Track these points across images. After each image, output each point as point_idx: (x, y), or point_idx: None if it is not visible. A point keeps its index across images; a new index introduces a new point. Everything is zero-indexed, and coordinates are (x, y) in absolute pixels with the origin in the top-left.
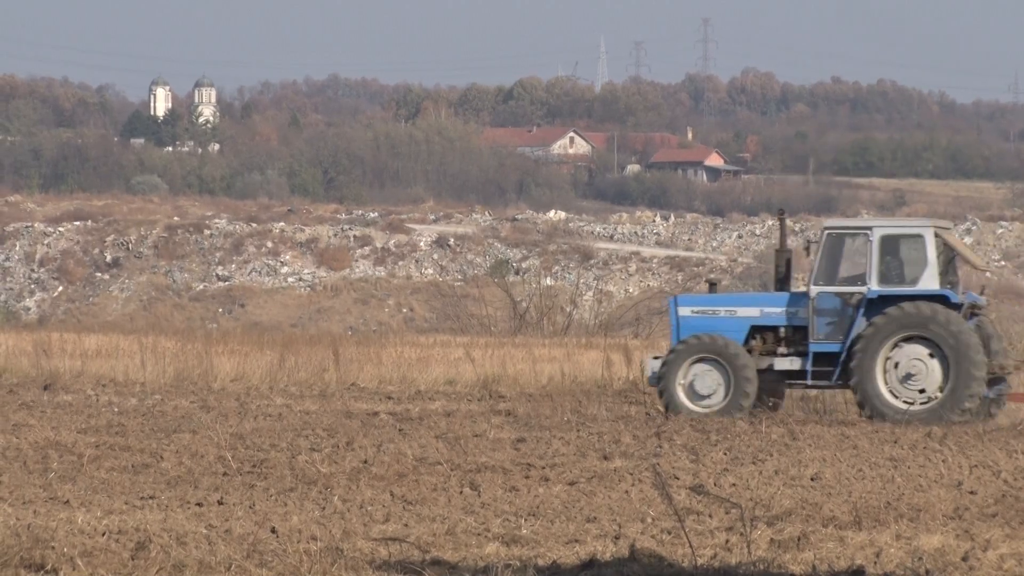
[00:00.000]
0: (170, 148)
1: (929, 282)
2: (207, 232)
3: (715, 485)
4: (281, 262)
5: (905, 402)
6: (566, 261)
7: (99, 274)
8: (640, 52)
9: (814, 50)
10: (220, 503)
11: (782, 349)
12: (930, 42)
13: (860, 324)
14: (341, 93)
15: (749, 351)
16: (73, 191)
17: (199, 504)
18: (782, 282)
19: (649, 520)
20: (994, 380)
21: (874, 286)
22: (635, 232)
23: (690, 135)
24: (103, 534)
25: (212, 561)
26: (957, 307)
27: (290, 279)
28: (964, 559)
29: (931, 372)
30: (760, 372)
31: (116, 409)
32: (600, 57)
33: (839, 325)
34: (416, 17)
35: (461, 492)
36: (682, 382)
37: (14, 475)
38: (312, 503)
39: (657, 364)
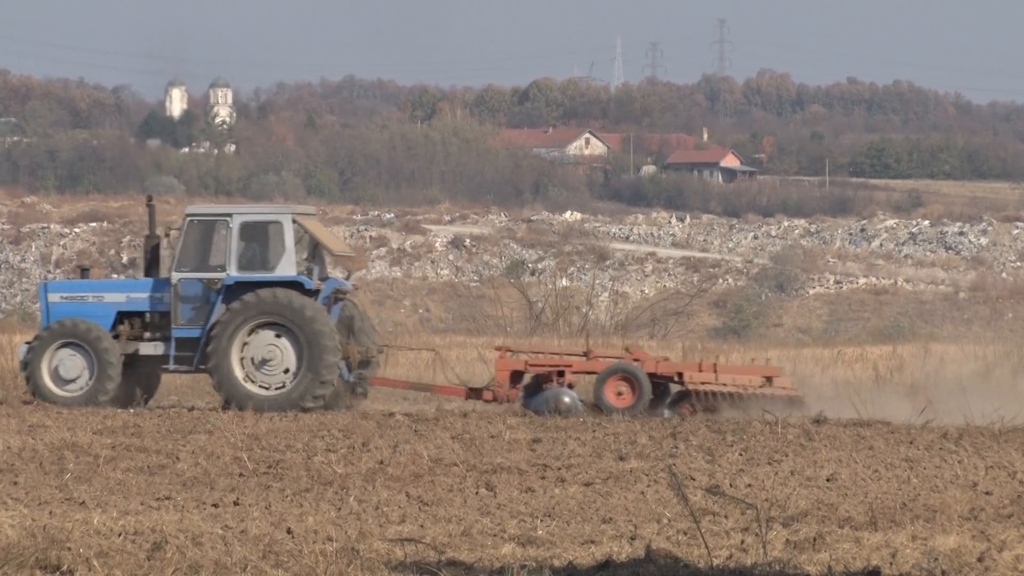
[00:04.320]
0: (186, 149)
1: (286, 268)
2: None
3: (731, 486)
4: None
5: (261, 387)
6: (582, 262)
7: (115, 275)
8: (656, 53)
9: (830, 51)
10: (236, 504)
11: (148, 334)
12: (946, 43)
13: (219, 310)
14: (356, 94)
15: (116, 337)
16: (89, 192)
17: (215, 505)
18: (149, 268)
19: (665, 521)
20: (359, 364)
21: (233, 272)
22: (651, 233)
23: (706, 136)
24: (119, 535)
25: (228, 562)
26: (313, 293)
27: None
28: (980, 560)
29: (286, 358)
30: (131, 358)
31: (132, 410)
32: (616, 58)
33: (201, 311)
34: (431, 18)
35: (477, 493)
36: (47, 367)
37: (30, 476)
38: (328, 504)
39: (26, 349)
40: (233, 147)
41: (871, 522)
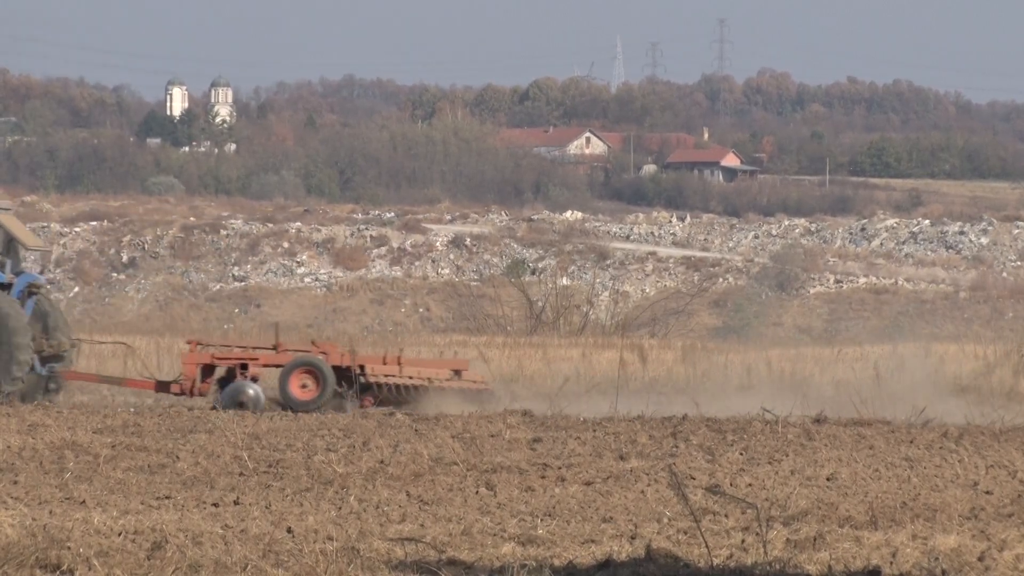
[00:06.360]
0: (186, 148)
1: None
2: (223, 232)
3: (731, 485)
4: (297, 262)
5: None
6: (582, 261)
7: (115, 274)
8: (656, 52)
9: (830, 50)
10: (236, 503)
11: None
12: (946, 43)
13: None
14: (357, 93)
15: None
16: (89, 191)
17: (215, 504)
18: None
19: (665, 520)
20: (50, 358)
21: None
22: (651, 232)
23: (706, 135)
24: (119, 534)
25: (228, 561)
26: (6, 287)
27: (306, 279)
28: (980, 559)
29: None
30: None
31: (132, 409)
32: (616, 57)
33: None
34: (432, 18)
35: (477, 492)
36: None
37: (30, 475)
38: (328, 503)
39: None
40: (233, 146)
41: (871, 521)
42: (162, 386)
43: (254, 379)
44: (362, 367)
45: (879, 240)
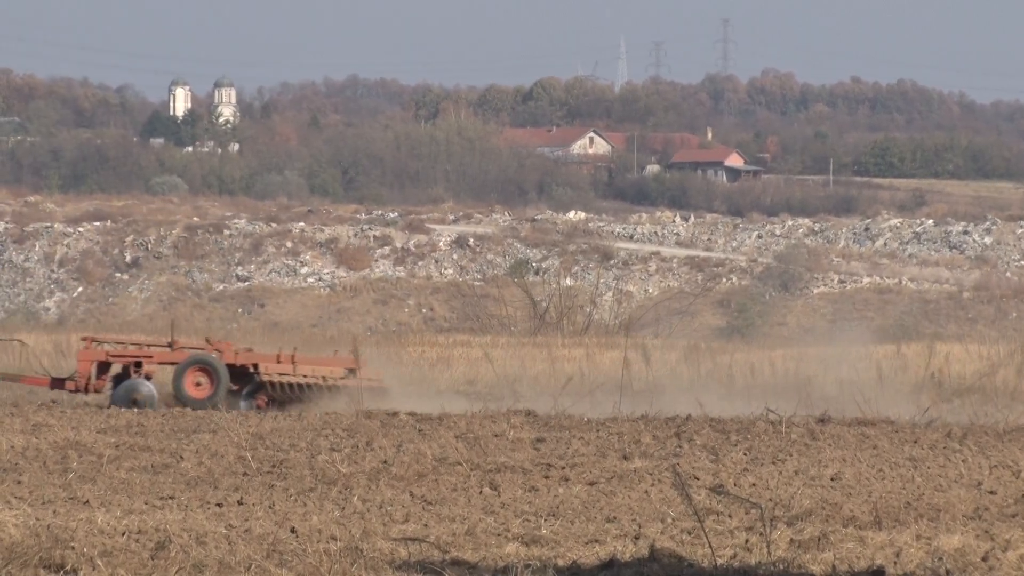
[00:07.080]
0: (190, 148)
1: None
2: (227, 232)
3: (735, 485)
4: (301, 262)
5: None
6: (586, 261)
7: (119, 274)
8: (660, 52)
9: (833, 50)
10: (240, 503)
11: None
12: (950, 42)
13: None
14: (360, 93)
15: None
16: (93, 191)
17: (219, 504)
18: None
19: (669, 520)
20: None
21: None
22: (655, 232)
23: (710, 135)
24: (123, 534)
25: (232, 561)
26: None
27: (310, 279)
28: (984, 559)
29: None
30: None
31: (136, 409)
32: (620, 57)
33: None
34: (435, 17)
35: (481, 492)
36: None
37: (34, 475)
38: (332, 503)
39: None
40: (237, 146)
41: (875, 521)
42: (57, 383)
43: (147, 377)
44: (255, 365)
45: (883, 240)
